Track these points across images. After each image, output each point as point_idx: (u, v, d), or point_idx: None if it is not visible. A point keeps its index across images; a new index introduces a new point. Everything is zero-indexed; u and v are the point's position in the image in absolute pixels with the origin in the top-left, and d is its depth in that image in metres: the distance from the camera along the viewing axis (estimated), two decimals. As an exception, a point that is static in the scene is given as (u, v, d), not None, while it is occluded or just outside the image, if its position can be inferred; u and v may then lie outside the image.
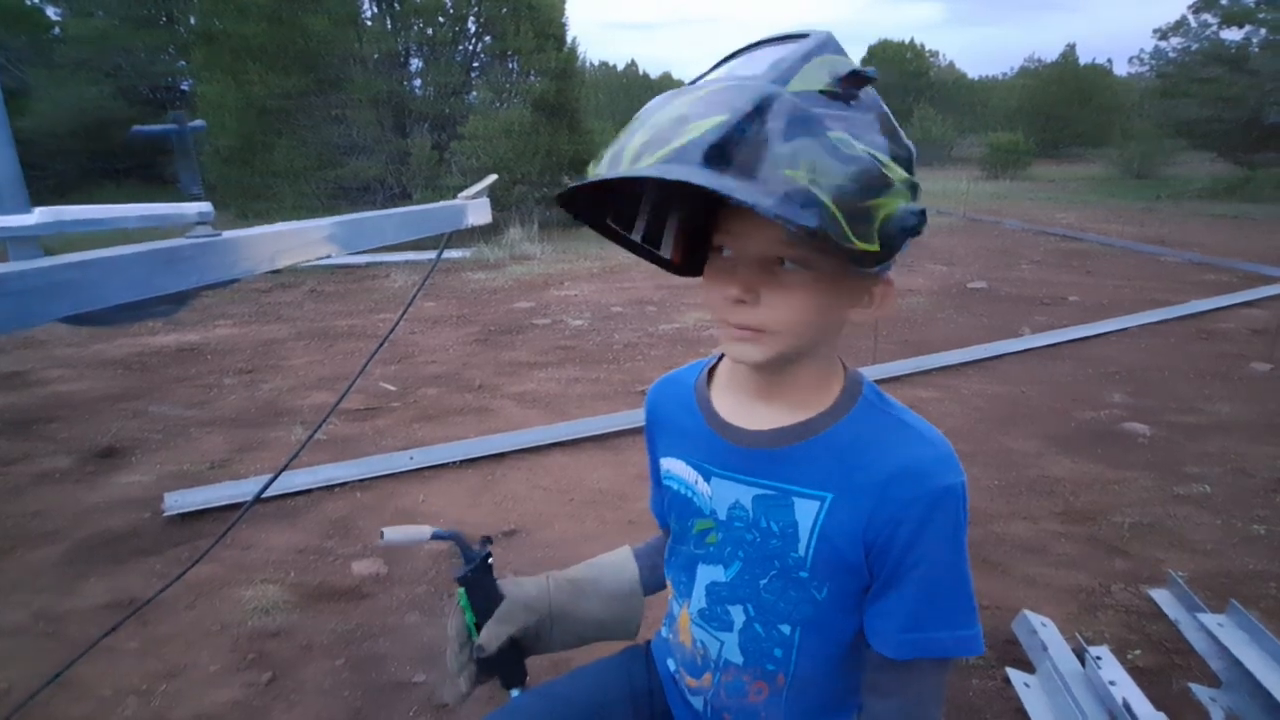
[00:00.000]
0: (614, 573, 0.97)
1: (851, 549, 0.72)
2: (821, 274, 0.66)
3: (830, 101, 0.61)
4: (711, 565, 0.81)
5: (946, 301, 6.23)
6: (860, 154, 0.60)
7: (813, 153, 0.58)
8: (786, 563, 0.75)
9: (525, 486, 2.93)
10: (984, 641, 0.73)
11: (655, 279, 7.37)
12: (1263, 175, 15.53)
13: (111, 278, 0.79)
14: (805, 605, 0.75)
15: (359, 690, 1.88)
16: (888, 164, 0.62)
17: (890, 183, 0.61)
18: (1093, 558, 2.42)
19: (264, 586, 2.30)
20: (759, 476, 0.76)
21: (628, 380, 4.26)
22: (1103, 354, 4.66)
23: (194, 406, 3.91)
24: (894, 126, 0.66)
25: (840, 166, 0.58)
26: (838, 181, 0.58)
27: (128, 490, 2.95)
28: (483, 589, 0.90)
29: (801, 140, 0.57)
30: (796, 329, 0.68)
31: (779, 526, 0.75)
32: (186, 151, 0.91)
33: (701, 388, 0.85)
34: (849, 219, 0.59)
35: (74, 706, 1.81)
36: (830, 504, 0.72)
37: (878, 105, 0.66)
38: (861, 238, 0.60)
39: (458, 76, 11.03)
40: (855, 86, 0.63)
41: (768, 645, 0.78)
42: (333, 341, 5.19)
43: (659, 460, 0.89)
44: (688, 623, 0.85)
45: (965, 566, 0.72)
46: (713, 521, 0.80)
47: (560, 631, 0.94)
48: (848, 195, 0.58)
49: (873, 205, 0.60)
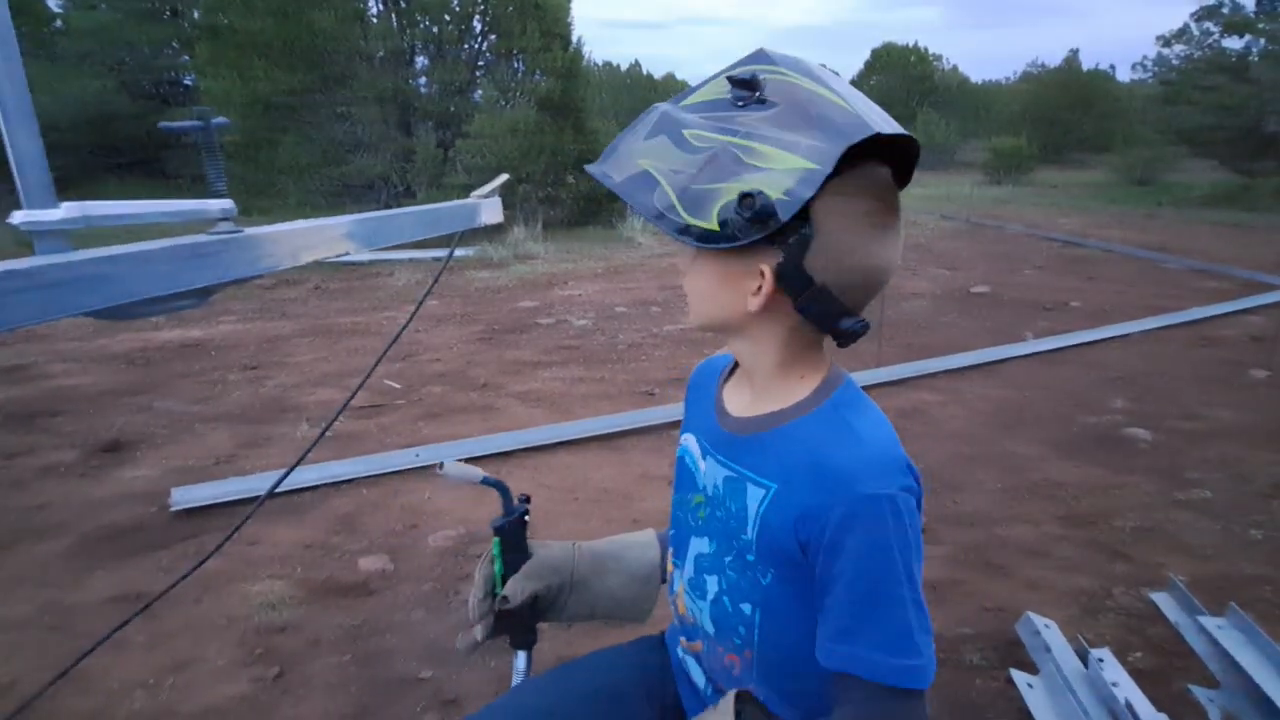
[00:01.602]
0: (637, 552, 1.00)
1: (788, 542, 0.73)
2: (709, 255, 0.73)
3: (718, 105, 0.71)
4: (700, 537, 0.85)
5: (949, 305, 6.25)
6: (708, 145, 0.68)
7: (661, 146, 0.70)
8: (739, 543, 0.78)
9: (530, 485, 2.94)
10: (931, 675, 0.68)
11: (659, 279, 7.38)
12: (1262, 183, 15.53)
13: (138, 272, 0.80)
14: (756, 587, 0.78)
15: (366, 685, 1.89)
16: (760, 152, 0.66)
17: (742, 171, 0.66)
18: (1094, 561, 2.43)
19: (271, 582, 2.31)
20: (729, 459, 0.81)
21: (632, 380, 4.27)
22: (1104, 359, 4.67)
23: (199, 402, 3.92)
24: (803, 119, 0.68)
25: (681, 155, 0.68)
26: (675, 167, 0.68)
27: (133, 485, 2.96)
28: (515, 542, 0.93)
29: (657, 138, 0.71)
30: (696, 300, 0.79)
31: (735, 508, 0.79)
32: (211, 148, 0.92)
33: (724, 373, 0.89)
34: (682, 197, 0.68)
35: (82, 700, 1.82)
36: (774, 494, 0.75)
37: (787, 102, 0.69)
38: (695, 215, 0.67)
39: (463, 75, 11.05)
40: (740, 89, 0.70)
41: (733, 621, 0.81)
42: (337, 338, 5.20)
43: (681, 434, 0.93)
44: (683, 591, 0.89)
45: (903, 588, 0.68)
46: (703, 496, 0.85)
47: (576, 600, 0.96)
48: (687, 179, 0.68)
49: (715, 188, 0.67)
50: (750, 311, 0.74)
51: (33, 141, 0.83)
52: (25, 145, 0.83)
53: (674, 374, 4.33)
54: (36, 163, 0.84)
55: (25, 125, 0.80)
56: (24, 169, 0.84)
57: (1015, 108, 30.94)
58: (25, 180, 0.84)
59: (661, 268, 7.92)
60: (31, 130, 0.81)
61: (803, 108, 0.68)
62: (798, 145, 0.66)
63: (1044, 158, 24.46)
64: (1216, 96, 16.20)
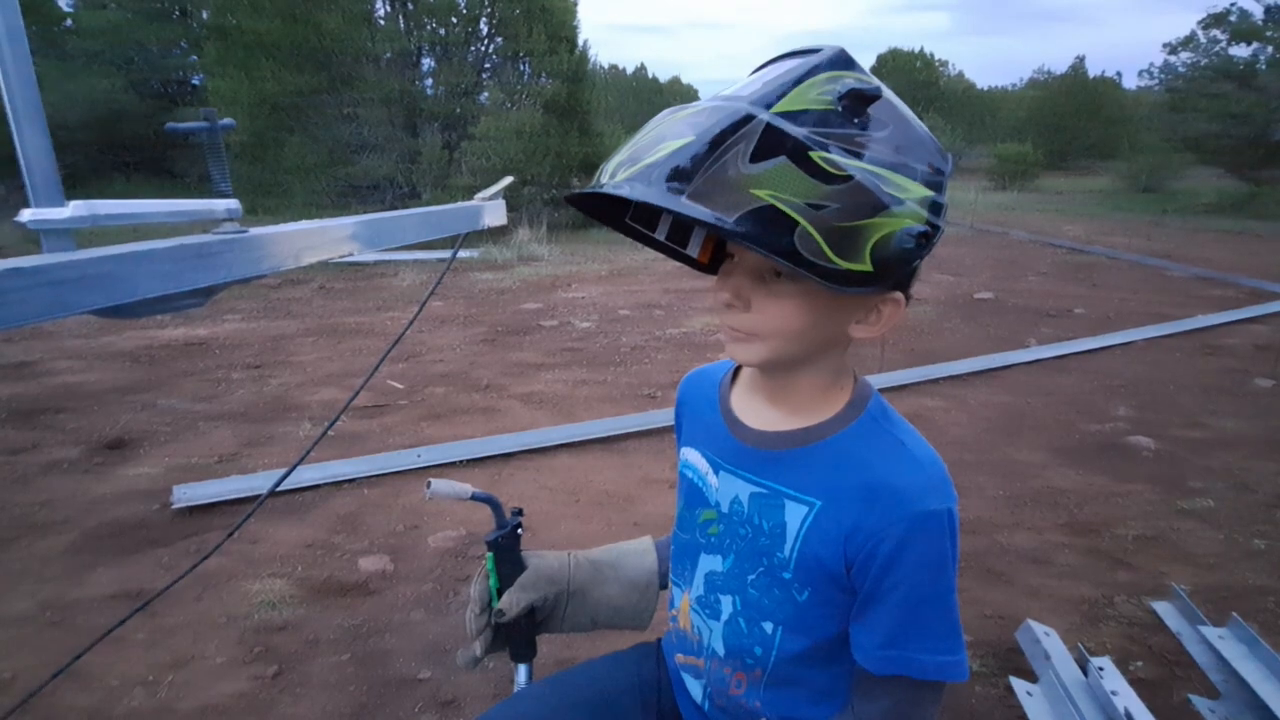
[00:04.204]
0: (634, 560, 0.99)
1: (833, 558, 0.73)
2: (811, 288, 0.65)
3: (829, 119, 0.60)
4: (711, 555, 0.84)
5: (953, 311, 6.24)
6: (850, 173, 0.59)
7: (785, 172, 0.57)
8: (773, 561, 0.77)
9: (532, 487, 2.94)
10: (969, 667, 0.74)
11: (662, 283, 7.39)
12: (1268, 191, 15.50)
13: (143, 271, 0.81)
14: (787, 605, 0.77)
15: (365, 685, 1.89)
16: (894, 181, 0.61)
17: (889, 202, 0.60)
18: (1096, 569, 2.43)
19: (271, 581, 2.32)
20: (758, 475, 0.78)
21: (634, 383, 4.27)
22: (1108, 367, 4.67)
23: (202, 400, 3.93)
24: (917, 142, 0.65)
25: (819, 185, 0.58)
26: (813, 200, 0.58)
27: (135, 482, 2.97)
28: (509, 556, 0.92)
29: (773, 160, 0.57)
30: (782, 336, 0.70)
31: (769, 525, 0.77)
32: (216, 149, 0.92)
33: (725, 384, 0.87)
34: (830, 238, 0.59)
35: (81, 696, 1.83)
36: (818, 511, 0.74)
37: (897, 121, 0.65)
38: (847, 258, 0.59)
39: (469, 77, 11.08)
40: (858, 103, 0.62)
41: (749, 642, 0.80)
42: (341, 338, 5.22)
43: (680, 448, 0.92)
44: (688, 608, 0.88)
45: (950, 594, 0.71)
46: (716, 513, 0.83)
47: (575, 610, 0.95)
48: (828, 214, 0.58)
49: (863, 225, 0.59)
50: (847, 340, 0.74)
51: (41, 140, 0.84)
52: (34, 144, 0.83)
53: (676, 377, 4.31)
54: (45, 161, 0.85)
55: (34, 124, 0.81)
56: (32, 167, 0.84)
57: (1021, 114, 30.93)
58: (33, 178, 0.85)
59: (664, 271, 7.93)
60: (40, 129, 0.82)
61: (907, 126, 0.66)
62: (915, 171, 0.64)
63: (1049, 164, 24.42)
64: (1223, 104, 16.17)
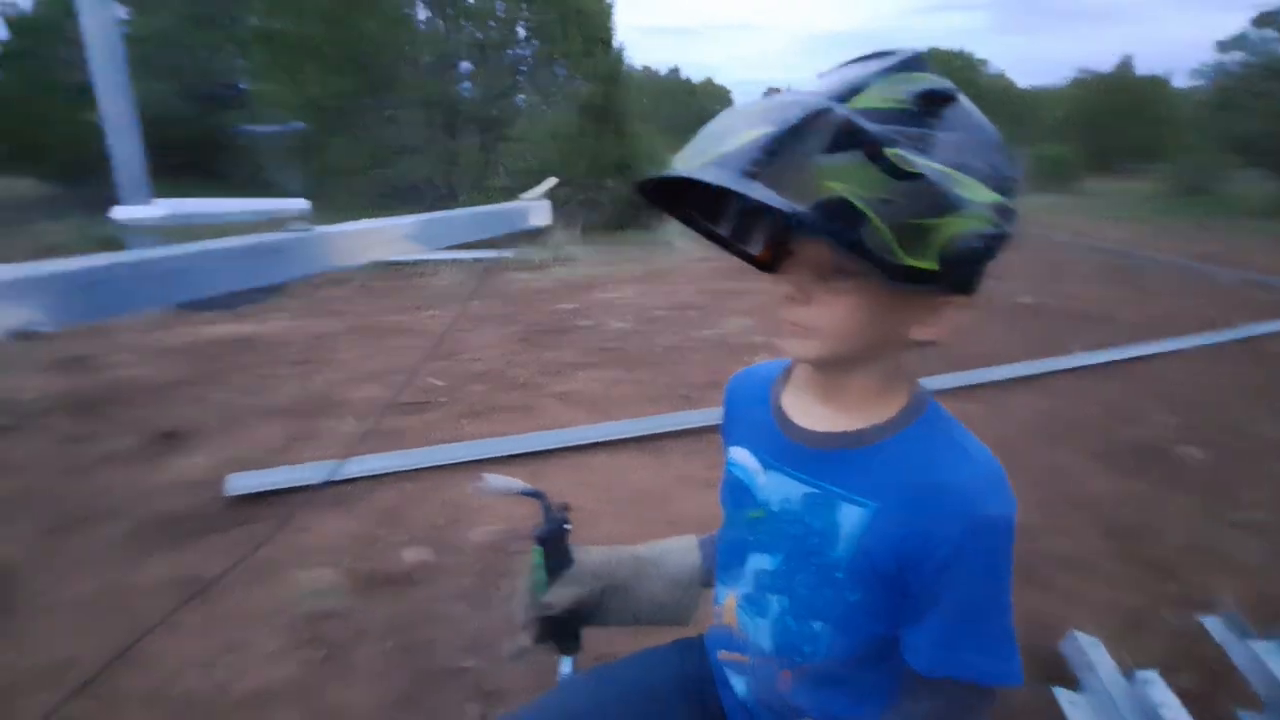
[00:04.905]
0: (677, 557, 1.00)
1: (887, 560, 0.73)
2: (874, 285, 0.67)
3: (903, 118, 0.61)
4: (760, 554, 0.84)
5: (994, 315, 6.15)
6: (921, 171, 0.59)
7: (859, 167, 0.58)
8: (824, 561, 0.77)
9: (570, 484, 2.98)
10: (1023, 673, 0.72)
11: (697, 284, 7.39)
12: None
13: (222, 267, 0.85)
14: (838, 604, 0.78)
15: (409, 673, 1.94)
16: (964, 183, 0.62)
17: (959, 203, 0.61)
18: (1140, 578, 2.39)
19: (319, 570, 2.38)
20: (811, 475, 0.79)
21: (670, 383, 4.29)
22: (1153, 374, 4.57)
23: (250, 395, 4.04)
24: (988, 146, 0.66)
25: (890, 182, 0.59)
26: (884, 196, 0.59)
27: (189, 472, 3.07)
28: (557, 550, 0.95)
29: (847, 154, 0.58)
30: (841, 333, 0.71)
31: (821, 525, 0.77)
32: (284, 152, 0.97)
33: (776, 384, 0.88)
34: (899, 234, 0.60)
35: (140, 678, 1.90)
36: (873, 513, 0.74)
37: (969, 125, 0.66)
38: (915, 255, 0.60)
39: (506, 80, 11.21)
40: (932, 104, 0.63)
41: (797, 640, 0.81)
42: (382, 336, 5.31)
43: (728, 448, 0.92)
44: (734, 605, 0.89)
45: (1006, 598, 0.72)
46: (764, 512, 0.83)
47: (618, 606, 0.97)
48: (898, 211, 0.59)
49: (932, 224, 0.60)
50: (905, 341, 0.73)
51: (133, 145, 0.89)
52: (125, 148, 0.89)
53: (711, 378, 4.33)
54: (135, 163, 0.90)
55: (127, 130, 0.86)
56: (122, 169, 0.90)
57: (1060, 113, 30.32)
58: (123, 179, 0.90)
59: (699, 273, 7.93)
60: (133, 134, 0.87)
61: (979, 130, 0.66)
62: (985, 174, 0.64)
63: (1092, 166, 23.92)
64: (1272, 104, 15.69)
